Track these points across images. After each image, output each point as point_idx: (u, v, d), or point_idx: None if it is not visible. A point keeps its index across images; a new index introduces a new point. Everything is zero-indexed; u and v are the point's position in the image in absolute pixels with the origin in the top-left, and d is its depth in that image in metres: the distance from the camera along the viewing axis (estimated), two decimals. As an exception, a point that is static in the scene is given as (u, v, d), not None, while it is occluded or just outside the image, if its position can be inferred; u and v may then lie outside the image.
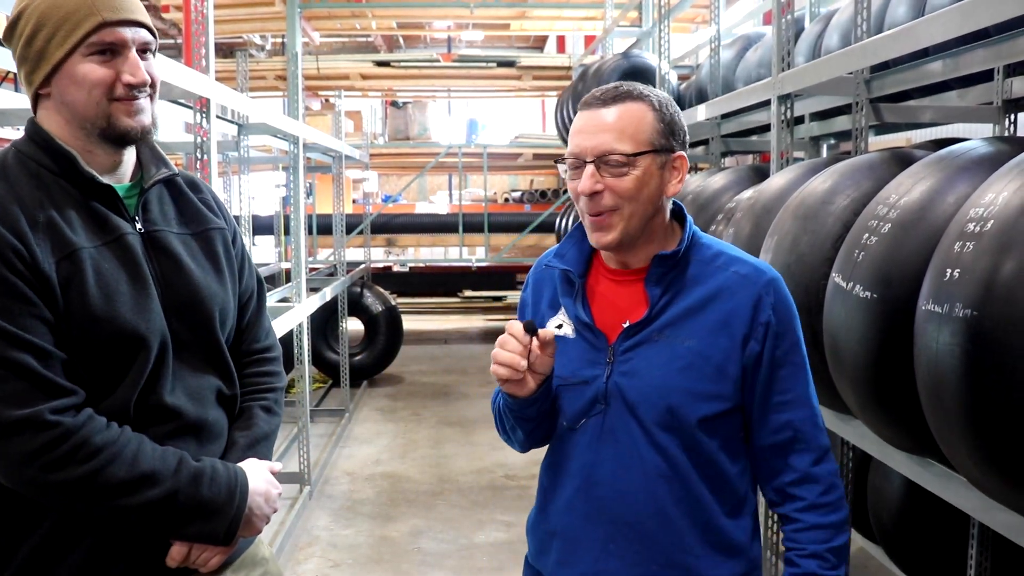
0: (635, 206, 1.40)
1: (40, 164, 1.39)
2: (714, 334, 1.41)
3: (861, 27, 3.22)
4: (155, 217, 1.49)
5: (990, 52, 2.93)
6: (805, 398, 1.45)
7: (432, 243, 10.68)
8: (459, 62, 10.57)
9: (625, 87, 1.42)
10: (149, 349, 1.39)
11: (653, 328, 1.43)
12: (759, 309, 1.42)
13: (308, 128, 5.42)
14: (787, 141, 3.41)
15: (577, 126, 1.43)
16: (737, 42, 5.71)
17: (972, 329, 1.55)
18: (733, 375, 1.41)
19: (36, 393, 1.29)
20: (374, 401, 7.39)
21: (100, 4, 1.35)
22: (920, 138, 5.49)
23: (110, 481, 1.32)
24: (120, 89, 1.38)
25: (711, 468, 1.43)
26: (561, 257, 1.52)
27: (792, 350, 1.44)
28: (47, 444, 1.28)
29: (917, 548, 3.11)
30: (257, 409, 1.59)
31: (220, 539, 1.41)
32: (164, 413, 1.42)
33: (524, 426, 1.50)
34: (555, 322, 1.49)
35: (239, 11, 8.69)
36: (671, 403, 1.40)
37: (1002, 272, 1.51)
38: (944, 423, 1.70)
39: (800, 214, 2.50)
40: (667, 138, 1.41)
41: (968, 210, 1.69)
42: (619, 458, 1.44)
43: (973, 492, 1.84)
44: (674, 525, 1.42)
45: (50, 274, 1.32)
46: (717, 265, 1.45)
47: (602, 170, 1.39)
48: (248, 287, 1.64)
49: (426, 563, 4.11)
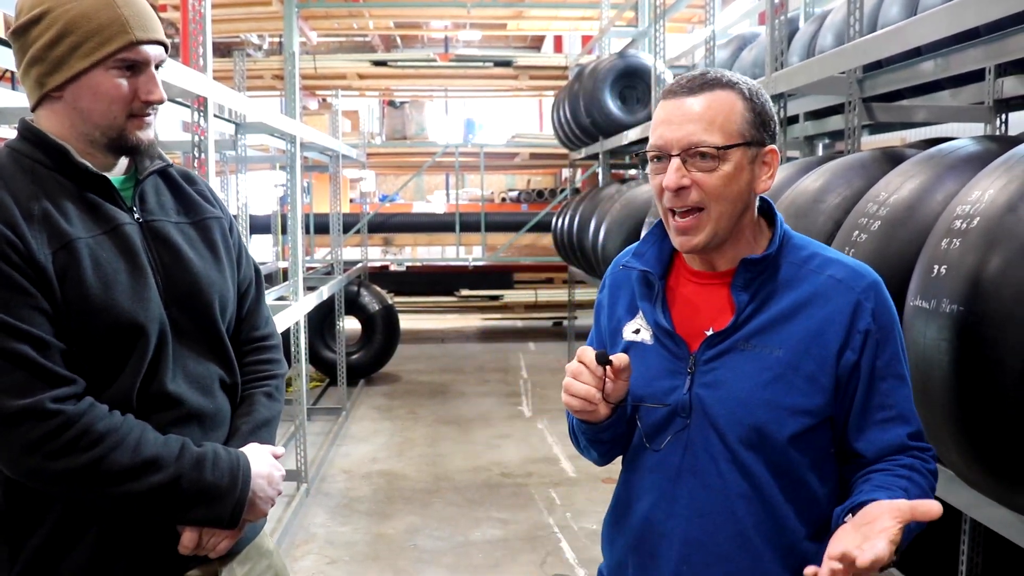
0: (724, 205, 1.29)
1: (34, 160, 1.40)
2: (806, 343, 1.29)
3: (854, 27, 3.25)
4: (152, 207, 1.50)
5: (981, 52, 2.96)
6: (910, 415, 1.33)
7: (429, 242, 10.71)
8: (456, 62, 10.59)
9: (713, 74, 1.31)
10: (148, 338, 1.40)
11: (739, 336, 1.31)
12: (857, 316, 1.30)
13: (305, 127, 5.43)
14: (781, 140, 3.44)
15: (661, 116, 1.31)
16: (733, 42, 5.74)
17: (958, 324, 1.57)
18: (827, 387, 1.29)
19: (36, 383, 1.30)
20: (371, 400, 7.40)
21: (132, 23, 1.38)
22: (914, 137, 5.51)
23: (113, 468, 1.33)
24: (138, 105, 1.42)
25: (799, 489, 1.32)
26: (640, 257, 1.41)
27: (894, 360, 1.32)
28: (49, 433, 1.29)
29: (909, 544, 3.14)
30: (259, 396, 1.60)
31: (226, 522, 1.43)
32: (166, 401, 1.43)
33: (599, 448, 1.43)
34: (632, 327, 1.41)
35: (236, 11, 8.71)
36: (757, 421, 1.29)
37: (988, 268, 1.54)
38: (931, 418, 1.72)
39: (792, 212, 2.52)
40: (758, 130, 1.31)
41: (955, 207, 1.71)
42: (697, 475, 1.33)
43: (963, 488, 1.86)
44: (753, 548, 1.31)
45: (46, 265, 1.33)
46: (811, 268, 1.34)
47: (689, 164, 1.28)
48: (247, 276, 1.66)
49: (422, 560, 4.12)
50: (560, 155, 9.85)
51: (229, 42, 11.01)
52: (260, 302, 1.69)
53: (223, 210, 1.64)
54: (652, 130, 1.33)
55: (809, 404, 1.29)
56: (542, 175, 12.29)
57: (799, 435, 1.29)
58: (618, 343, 1.42)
